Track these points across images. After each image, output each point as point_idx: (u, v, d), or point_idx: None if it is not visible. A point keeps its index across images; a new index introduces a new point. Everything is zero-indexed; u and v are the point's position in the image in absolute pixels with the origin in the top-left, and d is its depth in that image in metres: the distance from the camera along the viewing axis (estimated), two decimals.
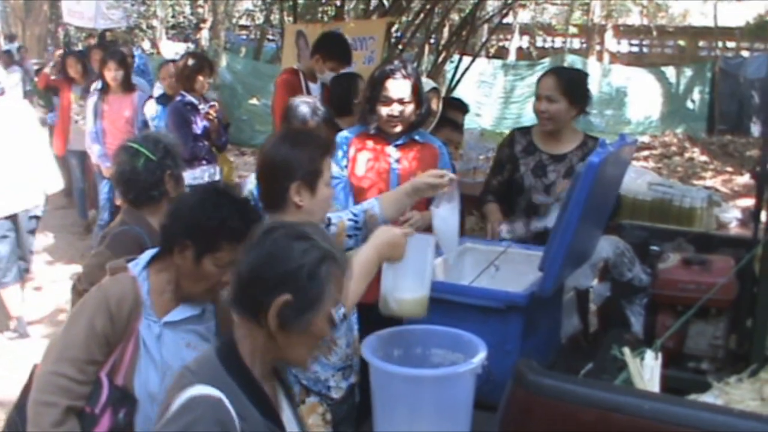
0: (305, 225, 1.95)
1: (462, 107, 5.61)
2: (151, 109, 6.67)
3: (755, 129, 15.32)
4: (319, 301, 1.84)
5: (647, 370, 2.36)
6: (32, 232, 6.20)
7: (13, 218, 5.85)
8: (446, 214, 2.83)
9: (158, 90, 6.98)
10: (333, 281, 1.87)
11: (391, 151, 3.70)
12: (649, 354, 2.41)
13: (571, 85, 3.81)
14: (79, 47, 17.77)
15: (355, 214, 2.89)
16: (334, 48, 5.41)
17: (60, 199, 9.85)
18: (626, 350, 2.42)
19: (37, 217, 6.13)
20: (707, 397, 2.39)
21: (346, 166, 3.69)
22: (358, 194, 3.69)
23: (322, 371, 2.80)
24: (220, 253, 2.29)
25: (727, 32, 19.20)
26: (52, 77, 9.47)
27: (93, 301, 2.33)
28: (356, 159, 3.70)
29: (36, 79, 12.23)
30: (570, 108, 3.81)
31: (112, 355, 2.31)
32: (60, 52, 8.83)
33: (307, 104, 3.60)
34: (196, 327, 2.45)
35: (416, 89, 3.63)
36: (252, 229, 2.01)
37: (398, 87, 3.58)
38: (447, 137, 4.64)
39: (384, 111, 3.61)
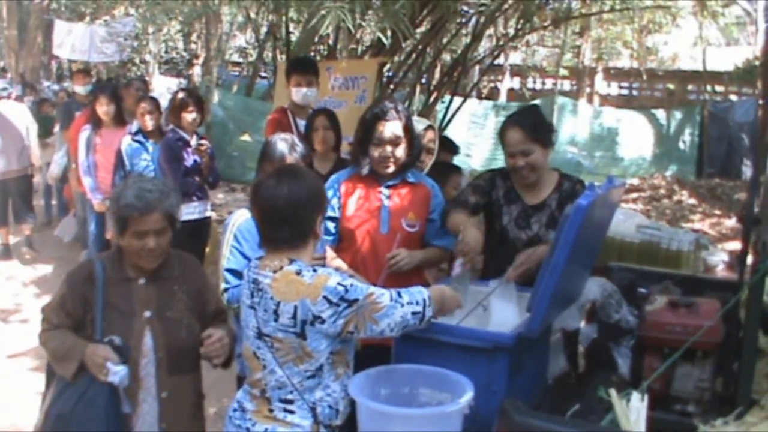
0: None
1: (452, 148, 5.65)
2: (126, 144, 6.63)
3: (746, 171, 15.38)
4: None
5: (633, 412, 2.36)
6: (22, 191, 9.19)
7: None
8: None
9: (135, 126, 6.88)
10: None
11: (383, 190, 3.72)
12: (636, 396, 2.41)
13: (537, 130, 3.61)
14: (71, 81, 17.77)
15: None
16: (292, 66, 5.89)
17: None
18: (613, 392, 2.42)
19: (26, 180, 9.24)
20: None
21: (339, 207, 3.71)
22: (348, 235, 3.70)
23: (340, 392, 2.67)
24: None
25: (716, 76, 19.35)
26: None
27: None
28: (347, 201, 3.72)
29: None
30: (545, 151, 3.63)
31: None
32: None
33: (284, 141, 3.61)
34: None
35: (407, 129, 3.66)
36: None
37: (390, 128, 3.60)
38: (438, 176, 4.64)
39: (377, 152, 3.63)
